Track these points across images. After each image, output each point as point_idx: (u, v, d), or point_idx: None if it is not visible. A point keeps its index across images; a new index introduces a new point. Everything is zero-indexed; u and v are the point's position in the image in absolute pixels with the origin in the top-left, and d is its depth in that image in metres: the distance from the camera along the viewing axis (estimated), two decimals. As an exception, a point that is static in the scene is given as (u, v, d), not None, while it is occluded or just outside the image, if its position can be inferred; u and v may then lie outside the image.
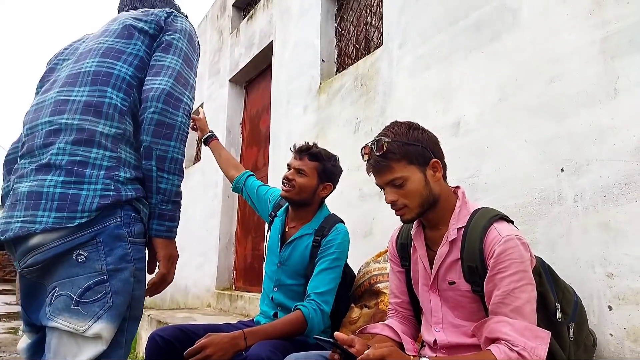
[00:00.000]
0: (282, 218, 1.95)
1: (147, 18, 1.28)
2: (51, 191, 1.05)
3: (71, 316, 1.03)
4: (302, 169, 1.85)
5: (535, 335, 1.13)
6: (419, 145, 1.27)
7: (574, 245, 1.64)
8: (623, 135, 1.53)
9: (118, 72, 1.19)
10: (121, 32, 1.25)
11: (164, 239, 1.19)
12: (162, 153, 1.16)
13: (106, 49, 1.22)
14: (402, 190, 1.27)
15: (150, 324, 3.86)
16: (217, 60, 5.72)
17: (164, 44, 1.25)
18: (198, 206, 5.57)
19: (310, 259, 1.80)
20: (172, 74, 1.21)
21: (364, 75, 2.97)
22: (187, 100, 1.23)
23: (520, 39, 1.95)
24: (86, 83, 1.17)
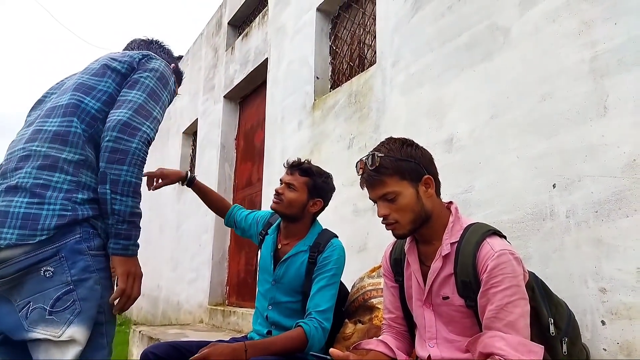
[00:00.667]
0: (274, 236, 1.94)
1: (121, 59, 1.43)
2: (16, 211, 1.18)
3: (47, 325, 1.15)
4: (292, 184, 1.86)
5: (529, 350, 1.14)
6: (412, 162, 1.29)
7: (566, 261, 1.65)
8: (613, 152, 1.56)
9: (85, 106, 1.33)
10: (97, 71, 1.40)
11: (120, 256, 1.29)
12: (115, 177, 1.27)
13: (79, 84, 1.37)
14: (394, 205, 1.28)
15: (142, 340, 3.81)
16: (212, 76, 5.75)
17: (131, 81, 1.39)
18: (191, 221, 5.55)
19: (307, 276, 1.79)
20: (132, 106, 1.33)
21: (357, 92, 3.00)
22: (146, 129, 1.33)
23: (511, 58, 1.99)
24: (58, 115, 1.32)
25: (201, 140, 5.74)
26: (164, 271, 6.15)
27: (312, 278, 1.77)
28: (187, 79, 6.80)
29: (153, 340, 3.52)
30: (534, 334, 1.21)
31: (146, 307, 6.71)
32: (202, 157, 5.65)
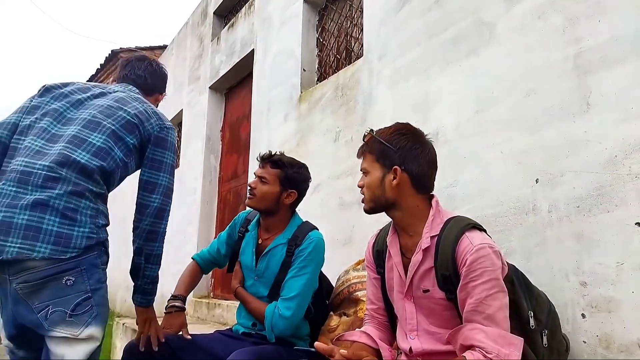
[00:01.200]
0: (255, 232, 1.94)
1: (147, 125, 1.60)
2: (49, 228, 1.35)
3: (66, 325, 1.36)
4: (263, 177, 1.86)
5: (508, 342, 1.16)
6: (391, 149, 1.32)
7: (548, 255, 1.68)
8: (595, 148, 1.59)
9: (113, 153, 1.52)
10: (126, 124, 1.57)
11: (143, 307, 1.65)
12: (149, 252, 1.59)
13: (112, 132, 1.54)
14: (366, 180, 1.37)
15: (125, 333, 3.79)
16: (197, 67, 5.69)
17: (156, 162, 1.61)
18: (176, 213, 5.50)
19: (282, 268, 1.81)
20: (163, 191, 1.59)
21: (344, 85, 3.00)
22: (169, 207, 1.62)
23: (497, 54, 2.00)
24: (89, 151, 1.48)
25: (186, 132, 5.69)
26: (148, 263, 6.11)
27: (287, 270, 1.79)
28: (172, 69, 6.73)
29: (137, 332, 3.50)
30: (514, 327, 1.23)
31: (130, 299, 6.66)
32: (187, 148, 5.60)
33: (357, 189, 2.69)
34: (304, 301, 1.76)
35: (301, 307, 1.75)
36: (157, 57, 8.57)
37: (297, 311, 1.74)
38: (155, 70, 1.89)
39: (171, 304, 1.90)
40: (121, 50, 10.25)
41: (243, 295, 1.86)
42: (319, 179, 3.04)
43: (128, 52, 10.27)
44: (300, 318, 1.77)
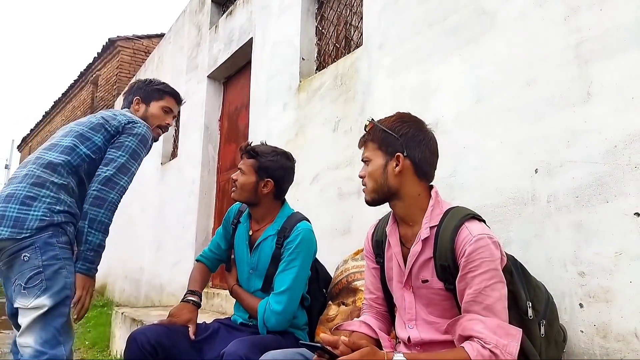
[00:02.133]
0: (247, 224, 1.93)
1: (112, 122, 1.86)
2: (10, 214, 1.63)
3: (21, 297, 1.61)
4: (241, 168, 1.86)
5: (507, 332, 1.16)
6: (394, 136, 1.32)
7: (546, 245, 1.68)
8: (595, 138, 1.58)
9: (79, 150, 1.79)
10: (94, 126, 1.85)
11: (82, 274, 1.72)
12: (93, 216, 1.72)
13: (79, 134, 1.83)
14: (367, 169, 1.36)
15: (124, 322, 3.80)
16: (195, 55, 5.65)
17: (117, 143, 1.83)
18: (174, 203, 5.50)
19: (272, 260, 1.80)
20: (116, 165, 1.78)
21: (343, 75, 2.98)
22: (124, 183, 1.80)
23: (497, 43, 1.98)
24: (57, 151, 1.77)
25: (184, 121, 5.67)
26: (146, 253, 6.12)
27: (278, 262, 1.79)
28: (169, 58, 6.70)
29: (136, 321, 3.51)
30: (512, 317, 1.24)
31: (128, 289, 6.68)
32: (185, 138, 5.58)
33: (356, 179, 2.69)
34: (295, 294, 1.75)
35: (293, 301, 1.75)
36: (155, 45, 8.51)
37: (288, 305, 1.73)
38: (133, 84, 2.17)
39: (188, 297, 1.90)
40: (118, 38, 10.17)
41: (238, 294, 1.88)
42: (317, 169, 3.04)
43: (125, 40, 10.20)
44: (293, 311, 1.77)
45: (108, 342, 4.34)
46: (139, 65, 9.03)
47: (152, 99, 2.08)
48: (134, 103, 2.08)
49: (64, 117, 13.70)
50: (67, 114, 13.42)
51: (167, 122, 2.11)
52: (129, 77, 9.27)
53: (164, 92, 2.12)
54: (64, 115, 13.72)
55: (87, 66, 11.55)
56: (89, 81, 11.56)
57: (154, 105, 2.08)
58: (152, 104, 2.08)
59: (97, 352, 4.26)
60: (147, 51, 9.70)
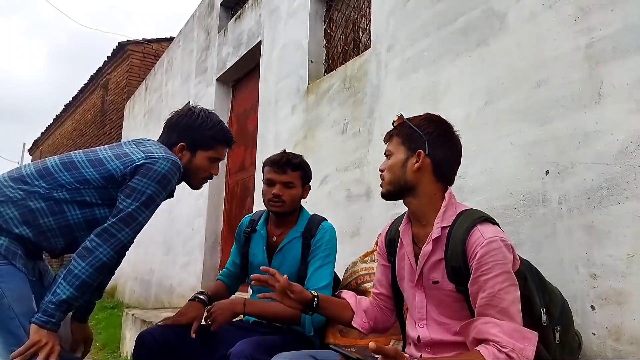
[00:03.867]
0: (264, 230, 1.94)
1: (121, 165, 1.57)
2: None
3: None
4: (290, 182, 1.85)
5: (523, 336, 1.15)
6: (418, 133, 1.33)
7: (558, 247, 1.67)
8: (607, 139, 1.57)
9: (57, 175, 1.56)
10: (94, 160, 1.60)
11: (37, 325, 1.44)
12: (72, 268, 1.47)
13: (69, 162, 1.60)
14: (388, 162, 1.38)
15: (134, 324, 3.82)
16: (204, 59, 5.69)
17: (129, 188, 1.55)
18: (184, 205, 5.53)
19: (302, 261, 1.84)
20: (118, 214, 1.52)
21: (352, 77, 2.98)
22: (123, 236, 1.53)
23: (507, 44, 1.98)
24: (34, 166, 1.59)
25: (193, 124, 5.69)
26: (156, 255, 6.15)
27: (307, 262, 1.81)
28: (179, 61, 6.74)
29: (146, 323, 3.53)
30: (526, 323, 1.22)
31: (139, 290, 6.72)
32: (194, 140, 5.61)
33: (365, 181, 2.70)
34: (331, 289, 1.81)
35: (330, 294, 1.77)
36: (164, 49, 8.58)
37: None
38: (180, 117, 1.79)
39: (196, 295, 1.89)
40: (128, 42, 10.26)
41: (259, 308, 1.74)
42: (326, 171, 3.04)
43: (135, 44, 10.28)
44: None
45: (118, 343, 4.37)
46: (148, 69, 9.10)
47: (200, 147, 1.73)
48: (178, 149, 1.71)
49: (74, 121, 13.83)
50: (77, 118, 13.54)
51: (213, 172, 1.79)
52: (138, 81, 9.34)
53: (215, 140, 1.76)
54: (74, 119, 13.85)
55: (98, 70, 11.66)
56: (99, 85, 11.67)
57: (201, 156, 1.74)
58: (198, 153, 1.73)
59: (107, 354, 4.29)
60: (157, 55, 9.77)
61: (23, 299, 1.47)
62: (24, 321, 1.44)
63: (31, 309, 1.48)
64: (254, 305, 1.73)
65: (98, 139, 11.14)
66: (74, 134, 13.62)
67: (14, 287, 1.46)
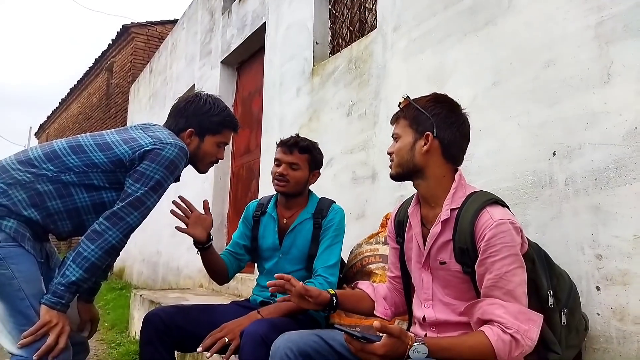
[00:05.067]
0: (275, 212, 1.98)
1: (129, 149, 1.58)
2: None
3: None
4: (295, 163, 1.90)
5: (528, 318, 1.16)
6: (425, 115, 1.32)
7: (564, 228, 1.67)
8: (615, 120, 1.56)
9: (65, 158, 1.58)
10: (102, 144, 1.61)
11: (47, 306, 1.47)
12: (81, 250, 1.49)
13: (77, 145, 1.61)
14: (396, 145, 1.37)
15: (143, 304, 3.88)
16: (208, 41, 5.65)
17: (137, 173, 1.56)
18: (190, 188, 5.54)
19: (313, 241, 1.89)
20: (127, 199, 1.54)
21: (358, 58, 2.96)
22: (132, 219, 1.55)
23: (515, 23, 1.95)
24: (41, 148, 1.61)
25: (198, 107, 5.68)
26: (163, 236, 6.20)
27: (318, 241, 1.88)
28: (183, 44, 6.70)
29: (154, 303, 3.58)
30: (533, 305, 1.23)
31: (146, 272, 6.80)
32: (199, 123, 5.60)
33: (370, 164, 2.70)
34: (339, 267, 1.89)
35: (338, 272, 1.87)
36: (168, 31, 8.52)
37: (337, 277, 1.86)
38: (187, 103, 1.79)
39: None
40: (132, 25, 10.20)
41: (274, 309, 1.72)
42: (331, 153, 3.04)
43: (139, 26, 10.22)
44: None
45: (127, 323, 4.44)
46: (152, 52, 9.06)
47: (208, 132, 1.76)
48: (187, 134, 1.73)
49: (79, 104, 13.85)
50: (83, 101, 13.55)
51: (219, 157, 1.83)
52: (143, 64, 9.31)
53: (223, 125, 1.79)
54: (79, 102, 13.86)
55: (102, 53, 11.62)
56: (104, 68, 11.64)
57: (209, 141, 1.77)
58: (207, 138, 1.76)
59: (116, 333, 4.36)
60: (161, 37, 9.72)
61: (32, 280, 1.49)
62: (34, 302, 1.47)
63: (40, 290, 1.50)
64: (269, 309, 1.72)
65: (104, 122, 11.17)
66: (80, 117, 13.65)
67: (23, 268, 1.48)
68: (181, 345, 1.74)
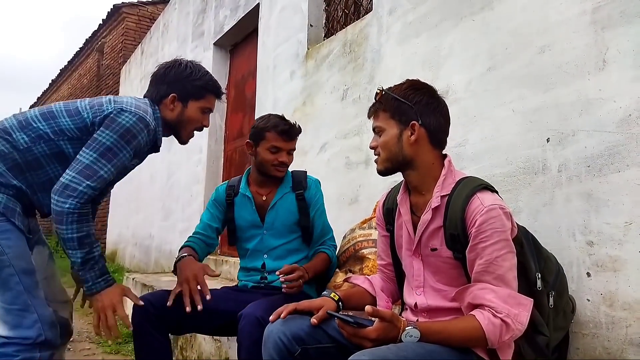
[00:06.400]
0: (249, 192, 1.97)
1: (90, 110, 1.56)
2: None
3: None
4: (294, 149, 1.96)
5: (518, 302, 1.17)
6: (406, 104, 1.30)
7: (556, 214, 1.68)
8: (609, 107, 1.55)
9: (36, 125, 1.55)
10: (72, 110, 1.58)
11: (93, 294, 1.52)
12: (62, 235, 1.47)
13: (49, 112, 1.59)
14: (380, 139, 1.33)
15: (135, 287, 3.88)
16: (200, 22, 5.56)
17: (90, 139, 1.51)
18: (182, 172, 5.53)
19: (301, 212, 1.94)
20: (77, 167, 1.47)
21: (352, 42, 2.93)
22: (85, 188, 1.46)
23: (512, 8, 1.93)
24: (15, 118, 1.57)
25: (191, 89, 5.62)
26: (155, 220, 6.19)
27: (310, 214, 1.95)
28: (175, 25, 6.60)
29: (147, 287, 3.58)
30: (521, 288, 1.24)
31: (139, 255, 6.79)
32: (192, 106, 5.55)
33: (365, 149, 2.69)
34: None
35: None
36: (160, 11, 8.38)
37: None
38: (166, 69, 1.73)
39: (177, 257, 1.83)
40: (123, 4, 10.02)
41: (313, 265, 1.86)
42: (325, 138, 3.03)
43: (130, 6, 10.04)
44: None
45: (119, 307, 4.44)
46: (144, 33, 8.92)
47: (191, 97, 1.70)
48: (169, 100, 1.68)
49: (70, 86, 13.65)
50: (73, 82, 13.36)
51: (204, 124, 1.77)
52: (134, 45, 9.16)
53: (206, 90, 1.73)
54: (70, 84, 13.67)
55: (92, 33, 11.42)
56: (95, 49, 11.46)
57: (193, 106, 1.71)
58: (190, 104, 1.70)
59: (109, 317, 4.36)
60: (152, 18, 9.56)
61: (22, 256, 1.48)
62: (24, 278, 1.46)
63: (30, 265, 1.49)
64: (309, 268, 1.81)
65: (95, 104, 11.01)
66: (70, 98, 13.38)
67: (12, 244, 1.46)
68: (175, 329, 1.74)
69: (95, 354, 3.26)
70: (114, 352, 3.26)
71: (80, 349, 3.35)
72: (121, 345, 3.32)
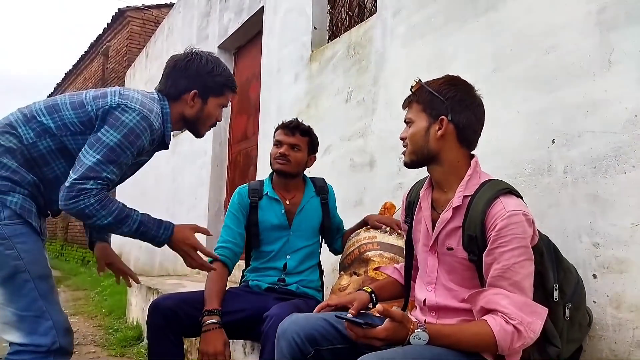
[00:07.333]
0: (276, 195, 2.01)
1: (93, 105, 1.50)
2: None
3: None
4: (297, 145, 1.97)
5: (532, 310, 1.15)
6: (440, 99, 1.29)
7: (562, 216, 1.67)
8: (615, 108, 1.55)
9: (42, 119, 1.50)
10: (75, 104, 1.52)
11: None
12: (99, 226, 1.48)
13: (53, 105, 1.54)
14: (409, 131, 1.34)
15: (140, 290, 3.89)
16: (205, 25, 5.59)
17: (94, 138, 1.46)
18: (186, 175, 5.54)
19: (324, 215, 2.07)
20: (80, 169, 1.42)
21: (356, 44, 2.93)
22: (92, 185, 1.42)
23: (517, 9, 1.93)
24: (19, 111, 1.53)
25: (195, 92, 5.64)
26: (160, 223, 6.20)
27: (330, 216, 2.11)
28: (179, 28, 6.63)
29: (152, 290, 3.59)
30: (538, 298, 1.22)
31: (143, 258, 6.80)
32: (196, 109, 5.57)
33: (368, 151, 2.69)
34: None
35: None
36: (164, 15, 8.42)
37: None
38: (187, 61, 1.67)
39: (207, 322, 1.70)
40: (128, 8, 10.08)
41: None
42: (329, 140, 3.03)
43: (135, 10, 10.10)
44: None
45: (124, 309, 4.46)
46: (148, 36, 8.97)
47: (212, 94, 1.66)
48: (190, 97, 1.62)
49: (75, 89, 13.73)
50: (78, 86, 13.44)
51: (219, 119, 1.74)
52: (139, 48, 9.21)
53: (226, 86, 1.70)
54: (75, 87, 13.75)
55: (97, 37, 11.50)
56: (100, 52, 11.53)
57: (212, 103, 1.67)
58: (210, 100, 1.66)
59: (113, 320, 4.38)
60: (157, 21, 9.61)
61: (38, 260, 1.44)
62: (39, 283, 1.42)
63: (46, 269, 1.46)
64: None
65: (99, 107, 11.07)
66: (75, 102, 13.53)
67: (28, 247, 1.42)
68: (189, 331, 1.76)
69: (100, 357, 3.27)
70: (119, 355, 3.27)
71: (86, 352, 3.36)
72: (126, 348, 3.33)
